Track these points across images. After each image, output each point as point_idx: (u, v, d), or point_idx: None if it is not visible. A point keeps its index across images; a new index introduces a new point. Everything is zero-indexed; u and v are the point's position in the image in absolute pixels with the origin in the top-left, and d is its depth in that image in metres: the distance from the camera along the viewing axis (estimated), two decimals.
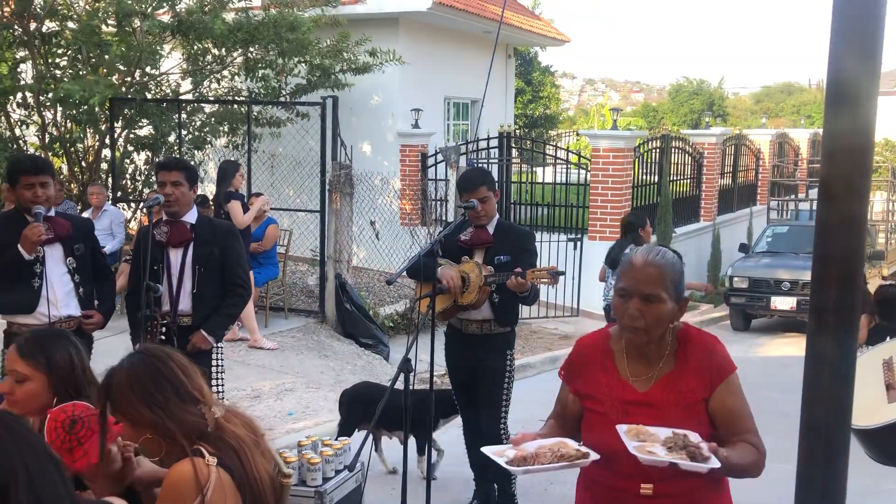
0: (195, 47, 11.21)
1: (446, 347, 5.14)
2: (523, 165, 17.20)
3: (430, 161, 13.32)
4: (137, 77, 11.05)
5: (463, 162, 12.10)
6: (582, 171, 13.25)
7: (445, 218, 12.29)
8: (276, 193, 11.75)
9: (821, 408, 1.95)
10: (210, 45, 11.22)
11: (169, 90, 11.62)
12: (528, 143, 16.74)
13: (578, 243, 11.87)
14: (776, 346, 11.76)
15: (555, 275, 4.62)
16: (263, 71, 11.56)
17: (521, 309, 5.21)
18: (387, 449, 5.99)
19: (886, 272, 13.81)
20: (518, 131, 19.42)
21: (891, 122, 24.18)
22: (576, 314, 11.87)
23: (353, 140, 11.17)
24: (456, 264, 4.87)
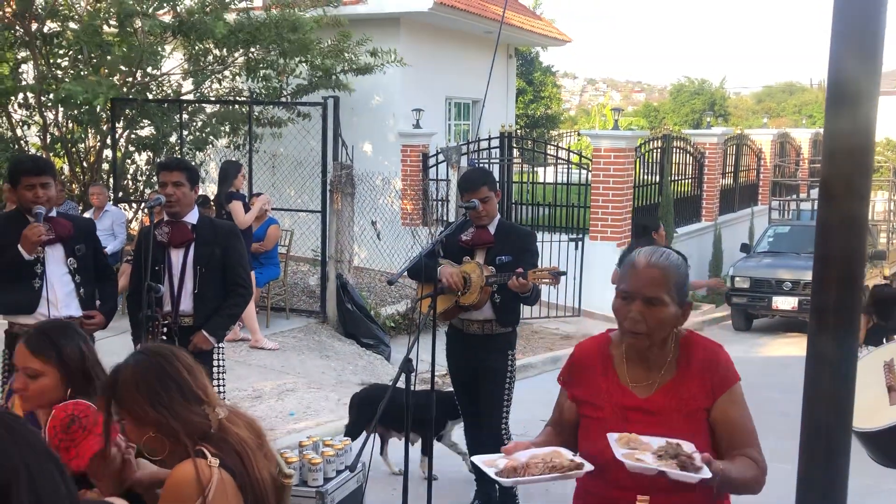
0: (196, 48, 11.21)
1: (447, 348, 5.14)
2: (524, 165, 17.18)
3: (432, 161, 13.32)
4: (139, 77, 11.06)
5: (464, 162, 12.09)
6: (583, 171, 13.24)
7: (447, 218, 12.28)
8: (278, 194, 11.76)
9: (821, 408, 1.95)
10: (211, 46, 11.23)
11: (170, 90, 11.63)
12: (530, 143, 16.73)
13: (580, 243, 11.86)
14: (777, 346, 11.76)
15: (556, 275, 4.62)
16: (265, 71, 11.57)
17: (523, 309, 5.21)
18: (391, 451, 5.99)
19: (888, 272, 13.80)
20: (519, 131, 19.40)
21: (892, 122, 24.16)
22: (577, 314, 11.87)
23: (354, 140, 11.17)
24: (457, 265, 4.87)
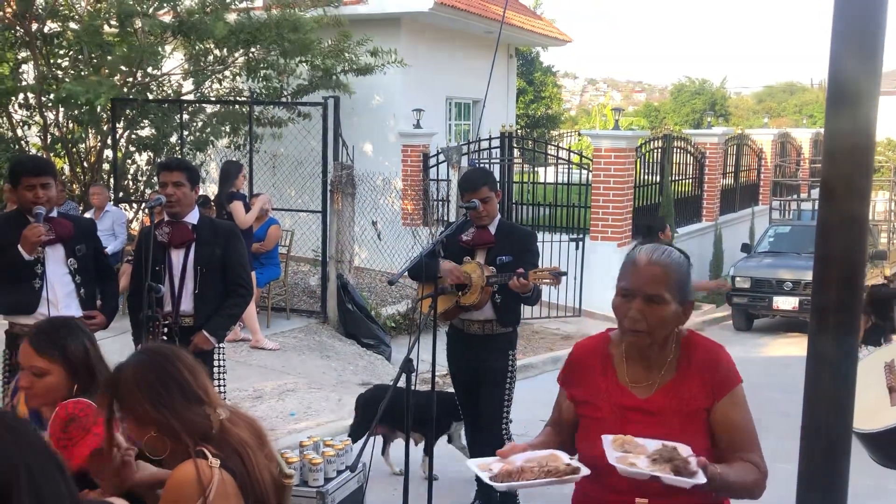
0: (196, 48, 11.22)
1: (448, 348, 5.14)
2: (525, 165, 17.19)
3: (432, 161, 13.32)
4: (139, 78, 11.07)
5: (465, 162, 12.09)
6: (584, 172, 13.24)
7: (447, 218, 12.28)
8: (278, 194, 11.76)
9: (822, 408, 1.95)
10: (211, 46, 11.23)
11: (170, 91, 11.63)
12: (530, 143, 16.73)
13: (580, 243, 11.86)
14: (778, 346, 11.75)
15: (557, 275, 4.60)
16: (265, 72, 11.57)
17: (523, 309, 5.20)
18: (392, 451, 5.99)
19: (889, 272, 13.77)
20: (520, 131, 19.41)
21: (892, 122, 24.14)
22: (578, 314, 11.87)
23: (354, 140, 11.17)
24: (458, 265, 4.87)
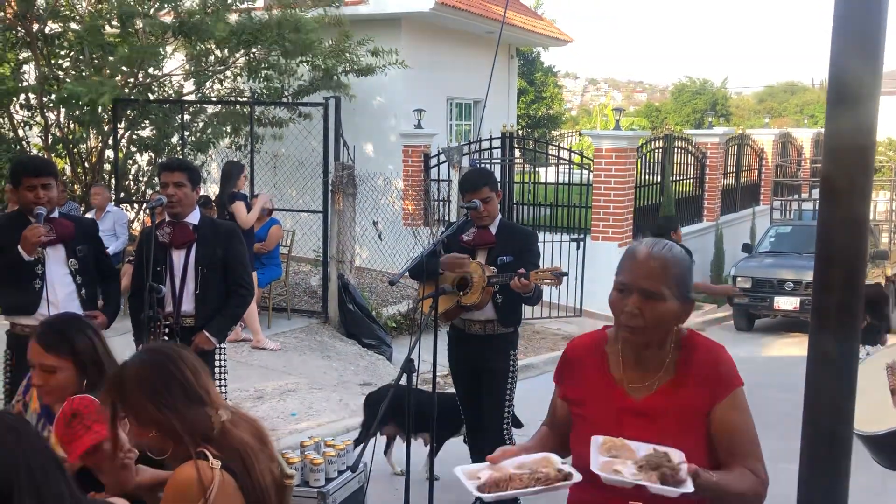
0: (198, 48, 11.22)
1: (449, 348, 5.13)
2: (526, 166, 17.18)
3: (433, 161, 13.32)
4: (140, 78, 11.07)
5: (465, 162, 12.09)
6: (584, 172, 13.24)
7: (448, 218, 12.28)
8: (279, 194, 11.75)
9: (823, 408, 1.95)
10: (212, 47, 11.23)
11: (172, 91, 11.63)
12: (531, 143, 16.73)
13: (581, 243, 11.85)
14: (779, 347, 11.75)
15: (558, 275, 4.59)
16: (266, 72, 11.57)
17: (524, 309, 5.20)
18: (395, 451, 5.98)
19: (890, 272, 13.77)
20: (521, 131, 19.42)
21: (893, 122, 24.13)
22: (578, 314, 11.86)
23: (355, 140, 11.18)
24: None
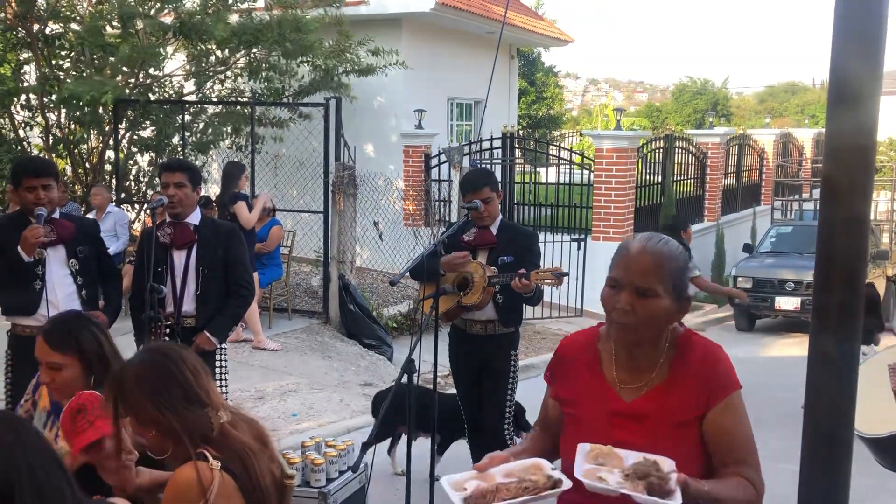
0: (198, 49, 11.22)
1: (450, 348, 5.13)
2: (527, 166, 17.20)
3: (434, 162, 13.32)
4: (141, 79, 11.08)
5: (466, 162, 12.09)
6: (585, 172, 13.24)
7: (449, 218, 12.28)
8: (280, 194, 11.76)
9: (824, 408, 1.95)
10: (213, 47, 11.24)
11: (172, 91, 11.64)
12: (532, 143, 16.73)
13: (582, 244, 11.85)
14: (780, 347, 11.74)
15: (559, 276, 4.59)
16: (267, 73, 11.57)
17: (525, 309, 5.20)
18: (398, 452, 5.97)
19: (891, 272, 13.77)
20: (521, 132, 19.41)
21: (894, 121, 24.14)
22: (579, 314, 11.86)
23: (356, 141, 11.18)
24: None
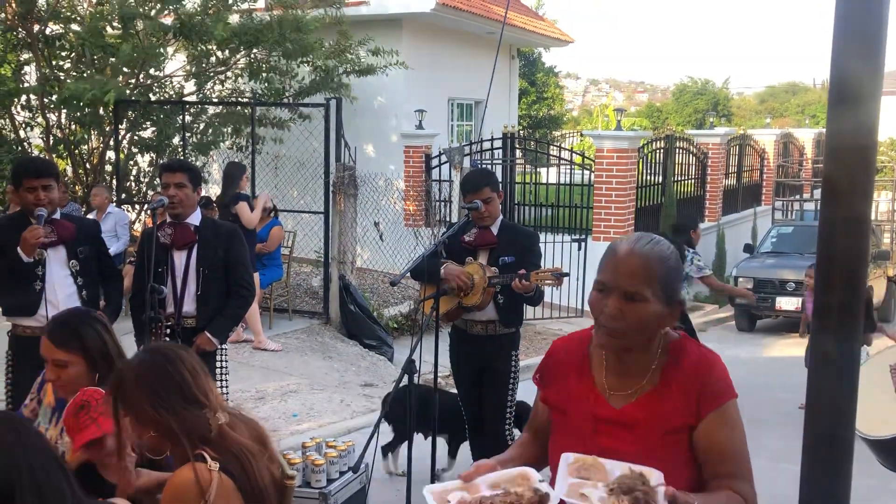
0: (199, 49, 11.23)
1: (451, 348, 5.13)
2: (527, 166, 17.19)
3: (434, 162, 13.32)
4: (141, 79, 11.08)
5: (467, 163, 12.09)
6: (586, 172, 13.24)
7: (449, 219, 12.28)
8: (280, 195, 11.76)
9: (824, 407, 1.95)
10: (213, 48, 11.24)
11: (173, 92, 11.64)
12: (532, 143, 16.73)
13: (583, 244, 11.84)
14: (781, 347, 11.73)
15: (559, 276, 4.59)
16: (267, 74, 11.57)
17: (525, 309, 5.20)
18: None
19: (891, 272, 13.75)
20: (522, 132, 19.41)
21: (895, 122, 24.13)
22: (580, 315, 11.85)
23: (356, 141, 11.18)
24: (460, 265, 4.86)
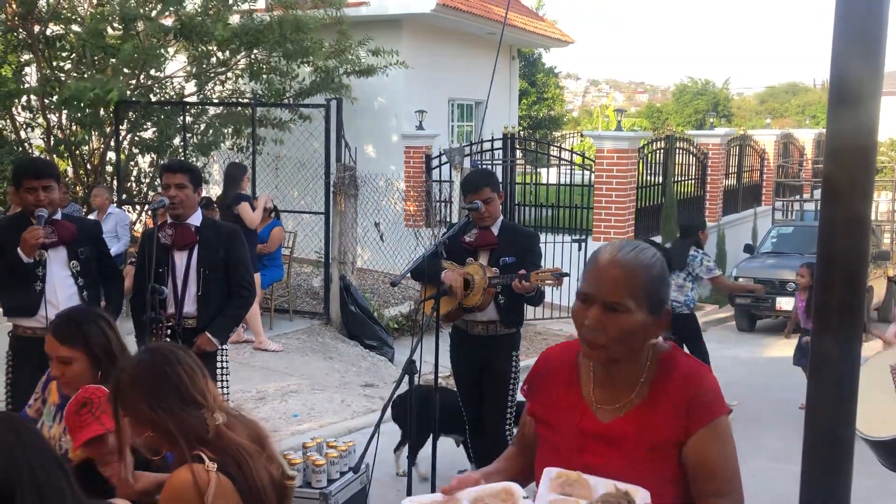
0: (199, 50, 11.23)
1: (451, 349, 5.14)
2: (527, 167, 17.20)
3: (435, 162, 13.32)
4: (142, 80, 11.09)
5: (467, 163, 12.10)
6: (586, 172, 13.24)
7: (450, 219, 12.28)
8: (281, 195, 11.76)
9: (824, 407, 1.95)
10: (214, 49, 11.25)
11: (173, 93, 11.65)
12: (533, 144, 16.74)
13: (583, 244, 11.85)
14: (781, 347, 11.72)
15: (559, 276, 4.60)
16: (268, 74, 11.57)
17: (526, 310, 5.21)
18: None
19: (892, 272, 13.75)
20: (522, 132, 19.41)
21: (895, 122, 24.12)
22: None
23: (357, 142, 11.19)
24: (460, 266, 4.87)
